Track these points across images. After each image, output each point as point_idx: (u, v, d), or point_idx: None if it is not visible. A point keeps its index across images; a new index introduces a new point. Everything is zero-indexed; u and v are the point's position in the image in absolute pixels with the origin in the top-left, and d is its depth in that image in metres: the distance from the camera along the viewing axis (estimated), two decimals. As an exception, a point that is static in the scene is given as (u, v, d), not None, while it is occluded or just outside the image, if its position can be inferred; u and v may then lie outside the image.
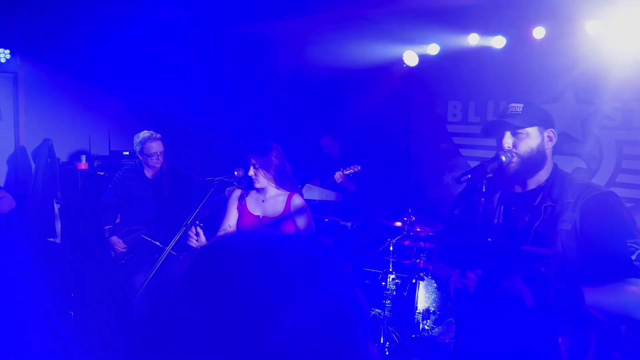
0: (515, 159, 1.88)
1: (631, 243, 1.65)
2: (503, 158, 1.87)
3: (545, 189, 1.88)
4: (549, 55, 4.40)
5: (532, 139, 1.87)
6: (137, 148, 4.03)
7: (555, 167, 1.93)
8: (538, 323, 1.72)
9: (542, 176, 1.90)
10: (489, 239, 1.87)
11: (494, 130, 1.95)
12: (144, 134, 4.01)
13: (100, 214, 4.15)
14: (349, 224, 4.45)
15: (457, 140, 5.24)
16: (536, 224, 1.81)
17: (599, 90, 4.13)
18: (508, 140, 1.90)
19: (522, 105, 1.90)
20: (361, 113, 5.77)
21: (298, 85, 6.46)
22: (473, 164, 4.93)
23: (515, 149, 1.88)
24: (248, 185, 2.99)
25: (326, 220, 4.59)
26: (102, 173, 4.93)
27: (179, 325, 0.58)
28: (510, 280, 1.76)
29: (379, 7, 4.57)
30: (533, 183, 1.91)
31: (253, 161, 2.89)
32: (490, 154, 1.93)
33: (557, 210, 1.79)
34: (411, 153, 5.57)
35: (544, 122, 1.90)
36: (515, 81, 4.65)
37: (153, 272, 2.78)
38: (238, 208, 3.10)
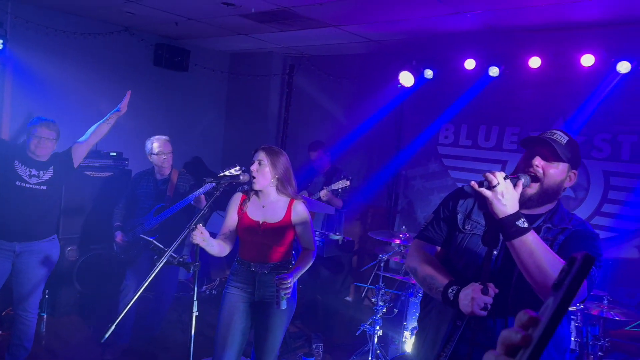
0: (533, 187, 1.91)
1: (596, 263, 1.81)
2: (523, 180, 1.88)
3: (548, 213, 1.95)
4: (542, 85, 4.56)
5: (560, 172, 1.91)
6: (147, 149, 4.15)
7: (559, 200, 2.00)
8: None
9: (552, 205, 1.98)
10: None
11: (531, 146, 1.97)
12: (156, 136, 4.16)
13: (114, 212, 4.26)
14: (340, 238, 4.46)
15: (447, 162, 5.33)
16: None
17: (589, 121, 4.28)
18: (539, 160, 1.91)
19: (567, 138, 1.93)
20: (354, 128, 5.84)
21: (289, 95, 6.50)
22: (462, 186, 5.12)
23: (543, 174, 1.91)
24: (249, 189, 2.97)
25: (317, 232, 4.59)
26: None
27: None
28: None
29: (379, 27, 4.67)
30: (542, 209, 1.97)
31: (261, 157, 2.87)
32: (478, 177, 1.89)
33: (556, 234, 1.89)
34: (401, 171, 5.64)
35: (574, 163, 1.94)
36: (510, 107, 4.78)
37: (152, 275, 2.72)
38: (238, 212, 3.07)
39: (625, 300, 3.86)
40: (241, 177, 2.79)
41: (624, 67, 3.94)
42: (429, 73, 5.07)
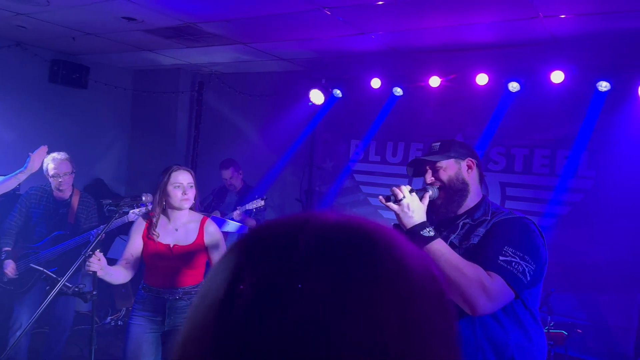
0: (441, 195, 1.99)
1: (508, 250, 1.75)
2: (430, 192, 1.96)
3: (469, 211, 1.99)
4: (443, 103, 4.82)
5: (449, 169, 1.99)
6: (44, 169, 3.75)
7: (484, 196, 2.04)
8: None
9: (470, 202, 2.01)
10: None
11: (417, 169, 2.09)
12: (52, 154, 3.76)
13: (1, 234, 3.79)
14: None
15: (358, 177, 5.45)
16: (452, 237, 1.93)
17: (485, 136, 4.58)
18: (428, 176, 2.03)
19: (439, 143, 2.05)
20: (267, 146, 5.81)
21: (199, 113, 6.35)
22: (373, 201, 5.28)
23: (438, 180, 2.00)
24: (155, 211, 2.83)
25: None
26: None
27: None
28: None
29: (288, 46, 4.71)
30: (462, 209, 2.01)
31: (189, 180, 2.77)
32: (387, 192, 1.95)
33: (473, 227, 1.92)
34: (315, 188, 5.68)
35: (461, 154, 2.02)
36: (413, 123, 5.00)
37: (42, 307, 2.48)
38: (143, 237, 2.92)
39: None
40: (144, 198, 2.64)
41: (513, 86, 4.27)
42: (337, 92, 5.18)
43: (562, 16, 3.42)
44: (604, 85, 4.00)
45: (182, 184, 2.79)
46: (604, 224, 4.09)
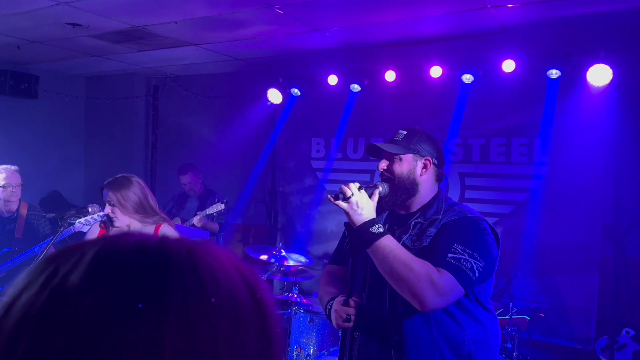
0: (390, 189, 1.96)
1: (457, 247, 1.75)
2: (380, 188, 1.93)
3: (422, 209, 1.97)
4: (400, 97, 4.83)
5: (404, 164, 1.95)
6: None
7: (439, 192, 2.02)
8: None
9: (423, 199, 1.98)
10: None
11: (375, 154, 2.03)
12: (2, 165, 3.60)
13: None
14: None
15: (321, 175, 5.42)
16: (404, 238, 1.89)
17: (443, 128, 4.62)
18: (382, 163, 1.98)
19: (406, 132, 1.98)
20: (227, 148, 5.72)
21: (156, 118, 6.22)
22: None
23: (388, 171, 1.97)
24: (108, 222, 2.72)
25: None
26: None
27: None
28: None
29: (241, 46, 4.64)
30: (415, 206, 1.99)
31: (109, 197, 2.61)
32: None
33: (425, 227, 1.90)
34: (278, 188, 5.63)
35: (421, 151, 1.96)
36: (372, 119, 5.01)
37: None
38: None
39: (492, 291, 4.17)
40: (90, 209, 2.53)
41: (467, 77, 4.32)
42: (295, 91, 5.14)
43: (510, 5, 3.47)
44: (554, 73, 4.08)
45: (107, 201, 2.67)
46: (560, 208, 4.18)
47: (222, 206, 4.54)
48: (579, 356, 4.12)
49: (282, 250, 4.10)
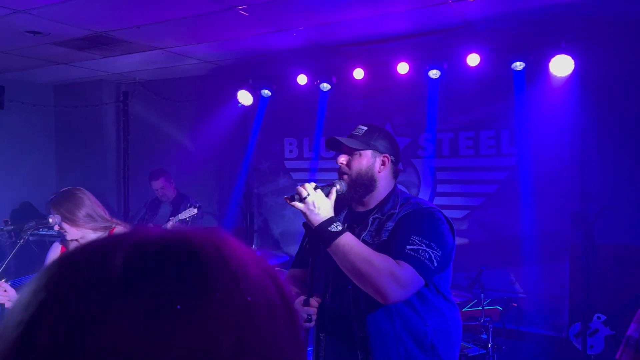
0: (344, 178, 1.96)
1: (415, 238, 1.77)
2: (338, 186, 1.94)
3: (379, 205, 1.99)
4: (369, 94, 4.85)
5: (363, 160, 1.96)
6: None
7: (394, 187, 2.03)
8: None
9: (381, 195, 2.00)
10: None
11: (336, 148, 2.03)
12: None
13: None
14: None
15: (295, 175, 5.42)
16: (363, 235, 1.91)
17: (412, 123, 4.65)
18: (342, 158, 1.99)
19: (366, 128, 1.99)
20: (200, 152, 5.68)
21: (127, 124, 6.15)
22: (311, 197, 5.25)
23: (348, 166, 1.97)
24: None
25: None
26: None
27: None
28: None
29: (208, 48, 4.61)
30: (372, 202, 2.00)
31: (55, 212, 2.57)
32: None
33: (383, 222, 1.91)
34: (253, 190, 5.61)
35: (380, 148, 1.98)
36: (343, 117, 5.01)
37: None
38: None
39: (464, 284, 4.21)
40: (50, 221, 2.49)
41: (433, 73, 4.34)
42: (266, 92, 5.12)
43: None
44: (519, 65, 4.13)
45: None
46: (529, 198, 4.23)
47: (195, 211, 4.50)
48: (553, 343, 4.18)
49: (257, 252, 4.08)
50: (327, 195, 1.88)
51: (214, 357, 0.41)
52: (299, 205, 1.83)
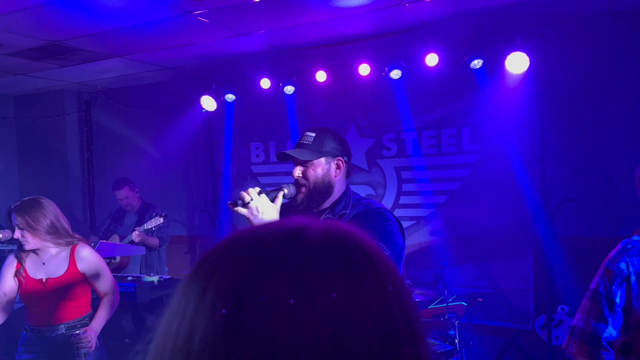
0: (302, 191, 1.98)
1: None
2: (285, 191, 1.94)
3: (332, 205, 2.00)
4: (332, 96, 4.86)
5: (318, 168, 1.96)
6: None
7: (347, 188, 2.05)
8: None
9: (335, 196, 2.01)
10: None
11: (287, 158, 2.04)
12: None
13: None
14: (156, 279, 4.16)
15: (262, 180, 5.40)
16: None
17: (376, 124, 4.68)
18: (296, 171, 1.99)
19: (314, 134, 1.99)
20: (165, 159, 5.62)
21: (90, 134, 6.05)
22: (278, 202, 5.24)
23: (304, 178, 1.97)
24: (19, 248, 2.63)
25: (129, 278, 4.22)
26: None
27: None
28: None
29: (168, 54, 4.56)
30: (326, 204, 2.02)
31: (17, 221, 2.53)
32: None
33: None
34: (220, 196, 5.56)
35: (332, 152, 1.98)
36: (308, 120, 5.02)
37: None
38: (16, 275, 2.73)
39: (430, 280, 4.25)
40: (0, 235, 2.44)
41: (395, 73, 4.38)
42: (230, 96, 5.09)
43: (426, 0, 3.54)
44: (477, 63, 4.19)
45: (16, 225, 2.61)
46: (491, 193, 4.30)
47: (161, 220, 4.44)
48: (519, 336, 4.24)
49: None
50: (273, 200, 1.88)
51: (395, 339, 0.45)
52: (242, 210, 1.82)
